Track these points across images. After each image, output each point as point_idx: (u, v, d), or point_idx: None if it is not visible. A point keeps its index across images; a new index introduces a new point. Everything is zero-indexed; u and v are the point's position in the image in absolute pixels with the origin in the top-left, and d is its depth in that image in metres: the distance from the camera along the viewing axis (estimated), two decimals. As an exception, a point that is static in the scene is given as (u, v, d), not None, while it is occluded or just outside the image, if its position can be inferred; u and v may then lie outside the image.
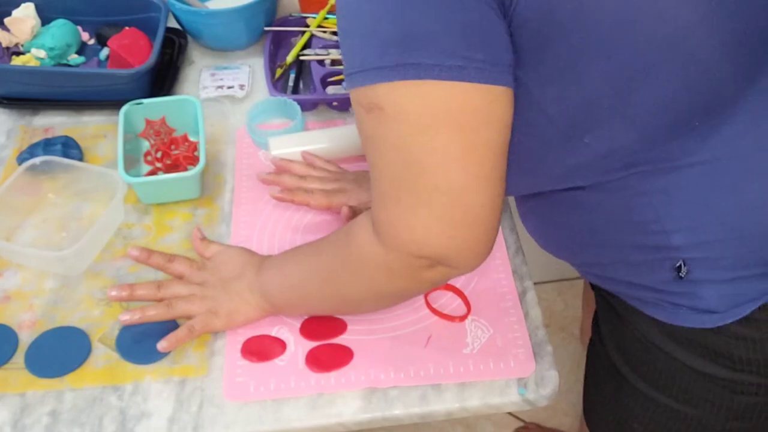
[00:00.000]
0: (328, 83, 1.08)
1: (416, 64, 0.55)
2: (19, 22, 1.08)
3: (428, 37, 0.55)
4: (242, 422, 0.75)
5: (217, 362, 0.80)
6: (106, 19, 1.13)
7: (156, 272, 0.87)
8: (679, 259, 0.66)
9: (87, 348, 0.81)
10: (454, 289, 0.85)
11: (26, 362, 0.80)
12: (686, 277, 0.66)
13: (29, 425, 0.75)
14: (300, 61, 1.12)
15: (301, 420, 0.76)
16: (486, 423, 1.59)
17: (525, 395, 0.77)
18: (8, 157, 1.00)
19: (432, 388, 0.78)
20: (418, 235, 0.60)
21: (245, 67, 1.12)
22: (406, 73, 0.55)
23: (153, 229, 0.92)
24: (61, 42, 1.08)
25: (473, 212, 0.60)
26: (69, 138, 0.99)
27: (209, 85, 1.09)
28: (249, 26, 1.12)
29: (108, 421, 0.76)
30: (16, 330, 0.82)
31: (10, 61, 1.07)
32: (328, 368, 0.78)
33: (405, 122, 0.57)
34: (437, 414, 0.77)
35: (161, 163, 0.96)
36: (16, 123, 1.05)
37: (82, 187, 0.94)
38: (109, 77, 1.03)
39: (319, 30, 1.15)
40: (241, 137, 1.03)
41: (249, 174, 0.98)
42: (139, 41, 1.06)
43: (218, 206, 0.95)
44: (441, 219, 0.59)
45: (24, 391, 0.78)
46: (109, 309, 0.84)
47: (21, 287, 0.87)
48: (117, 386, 0.78)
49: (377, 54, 0.56)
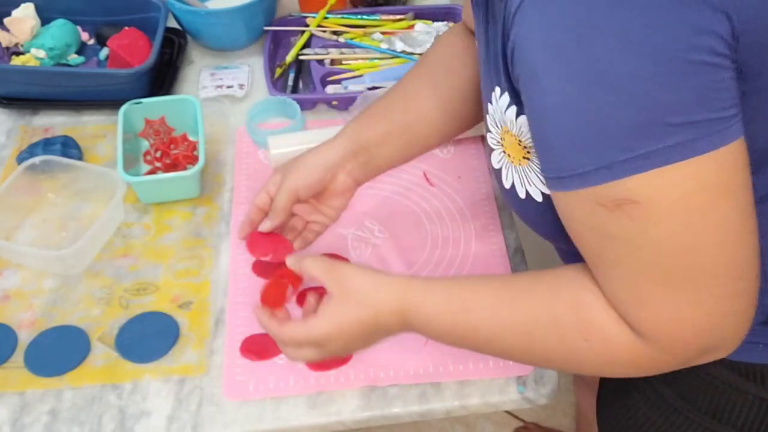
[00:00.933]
0: (327, 82, 1.09)
1: (674, 145, 0.49)
2: (19, 22, 1.08)
3: (684, 113, 0.49)
4: (241, 421, 0.75)
5: (217, 361, 0.80)
6: (106, 19, 1.14)
7: (156, 270, 0.87)
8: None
9: (86, 347, 0.81)
10: (453, 288, 0.85)
11: (26, 361, 0.80)
12: None
13: (29, 424, 0.75)
14: (299, 61, 1.12)
15: (301, 418, 0.76)
16: (486, 422, 1.59)
17: (524, 393, 0.77)
18: (8, 156, 1.00)
19: (431, 387, 0.78)
20: (703, 323, 0.55)
21: (245, 66, 1.12)
22: (663, 158, 0.50)
23: (152, 229, 0.92)
24: (61, 42, 1.08)
25: (751, 276, 0.55)
26: (68, 138, 1.00)
27: (209, 84, 1.09)
28: (248, 26, 1.12)
29: (107, 420, 0.76)
30: (15, 329, 0.82)
31: (10, 61, 1.07)
32: (327, 367, 0.78)
33: (670, 210, 0.51)
34: (436, 412, 0.77)
35: (161, 163, 0.96)
36: (15, 123, 1.05)
37: (81, 186, 0.94)
38: (109, 77, 1.03)
39: (318, 29, 1.15)
40: (241, 137, 1.03)
41: (248, 173, 0.98)
42: (139, 41, 1.07)
43: (218, 205, 0.95)
44: (722, 299, 0.54)
45: (23, 389, 0.78)
46: (108, 308, 0.84)
47: (20, 286, 0.87)
48: (116, 385, 0.78)
49: (623, 145, 0.50)
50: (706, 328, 0.55)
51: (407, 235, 0.91)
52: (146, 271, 0.87)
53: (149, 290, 0.86)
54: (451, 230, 0.91)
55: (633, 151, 0.50)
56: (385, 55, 1.12)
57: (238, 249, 0.89)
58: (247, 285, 0.86)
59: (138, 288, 0.86)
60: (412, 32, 1.15)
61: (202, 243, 0.90)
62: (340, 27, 1.16)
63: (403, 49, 1.12)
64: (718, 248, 0.53)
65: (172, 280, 0.87)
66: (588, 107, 0.51)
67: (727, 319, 0.56)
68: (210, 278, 0.87)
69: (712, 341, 0.57)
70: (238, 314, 0.83)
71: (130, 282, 0.86)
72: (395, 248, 0.89)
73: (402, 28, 1.16)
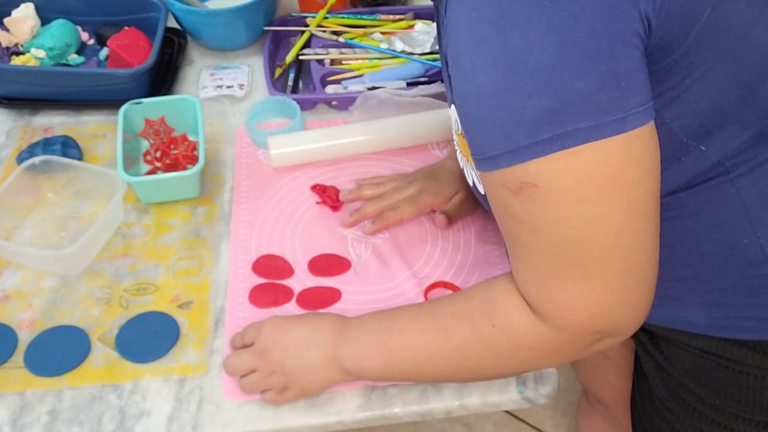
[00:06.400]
0: (327, 83, 1.09)
1: (572, 131, 0.51)
2: (19, 22, 1.08)
3: (582, 100, 0.51)
4: (241, 421, 0.75)
5: (217, 361, 0.80)
6: (106, 19, 1.14)
7: (156, 270, 0.87)
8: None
9: (86, 347, 0.81)
10: (453, 288, 0.85)
11: (25, 361, 0.80)
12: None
13: (28, 424, 0.75)
14: (299, 61, 1.12)
15: (300, 418, 0.76)
16: (486, 422, 1.59)
17: (524, 393, 0.77)
18: (8, 156, 1.00)
19: (431, 386, 0.78)
20: (595, 310, 0.57)
21: (244, 66, 1.12)
22: (561, 143, 0.52)
23: (152, 229, 0.92)
24: (61, 42, 1.08)
25: (645, 270, 0.57)
26: (68, 137, 1.00)
27: (208, 84, 1.09)
28: (248, 26, 1.13)
29: (107, 420, 0.76)
30: (15, 329, 0.82)
31: (10, 61, 1.07)
32: (327, 367, 0.78)
33: (563, 196, 0.54)
34: (436, 412, 0.77)
35: (161, 163, 0.96)
36: (15, 123, 1.05)
37: (81, 186, 0.94)
38: (109, 77, 1.03)
39: (318, 30, 1.15)
40: (241, 137, 1.03)
41: (248, 173, 0.98)
42: (139, 41, 1.07)
43: (218, 205, 0.95)
44: (616, 288, 0.57)
45: (23, 389, 0.78)
46: (108, 308, 0.84)
47: (20, 286, 0.87)
48: (116, 385, 0.78)
49: (527, 132, 0.52)
50: (601, 314, 0.58)
51: (407, 235, 0.91)
52: (146, 271, 0.87)
53: (149, 290, 0.86)
54: (451, 230, 0.91)
55: (536, 137, 0.52)
56: (385, 55, 1.12)
57: (238, 249, 0.89)
58: (247, 285, 0.86)
59: (138, 288, 0.86)
60: (411, 32, 1.15)
61: (202, 243, 0.90)
62: (339, 27, 1.16)
63: (403, 49, 1.12)
64: (610, 240, 0.55)
65: (172, 280, 0.87)
66: (502, 95, 0.53)
67: (622, 308, 0.58)
68: (210, 278, 0.87)
69: (608, 327, 0.59)
70: (237, 314, 0.83)
71: (130, 282, 0.86)
72: (395, 248, 0.89)
73: (402, 28, 1.16)
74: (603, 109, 0.51)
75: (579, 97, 0.51)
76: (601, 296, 0.57)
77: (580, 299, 0.57)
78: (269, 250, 0.89)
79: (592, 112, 0.51)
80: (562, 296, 0.58)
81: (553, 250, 0.57)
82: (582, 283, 0.57)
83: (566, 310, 0.58)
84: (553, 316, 0.59)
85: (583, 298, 0.57)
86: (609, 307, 0.58)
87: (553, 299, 0.59)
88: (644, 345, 0.80)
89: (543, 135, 0.52)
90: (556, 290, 0.58)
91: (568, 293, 0.58)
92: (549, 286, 0.58)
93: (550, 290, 0.58)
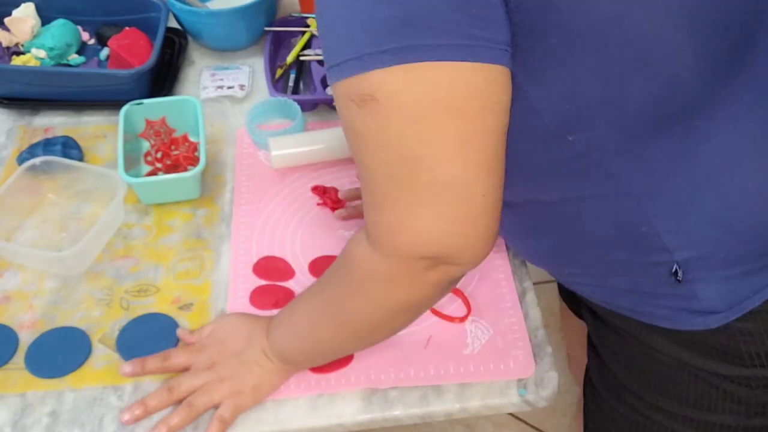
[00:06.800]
0: (328, 83, 1.08)
1: (417, 45, 0.51)
2: (19, 22, 1.08)
3: (431, 16, 0.50)
4: (242, 423, 0.75)
5: (217, 363, 0.80)
6: (106, 19, 1.13)
7: (156, 271, 0.87)
8: (673, 262, 0.65)
9: (87, 348, 0.81)
10: (453, 290, 0.85)
11: (26, 362, 0.80)
12: (683, 278, 0.65)
13: (29, 425, 0.75)
14: (300, 62, 1.12)
15: (301, 420, 0.76)
16: (486, 423, 1.59)
17: (525, 396, 0.77)
18: (8, 157, 1.00)
19: (432, 389, 0.78)
20: (419, 235, 0.57)
21: (245, 67, 1.12)
22: (405, 56, 0.51)
23: (153, 230, 0.92)
24: (61, 42, 1.08)
25: (476, 204, 0.56)
26: (69, 138, 1.00)
27: (209, 85, 1.09)
28: (249, 26, 1.12)
29: (108, 422, 0.76)
30: (16, 330, 0.82)
31: (10, 61, 1.07)
32: (328, 369, 0.78)
33: (400, 112, 0.53)
34: (437, 414, 0.77)
35: (161, 164, 0.96)
36: (16, 123, 1.05)
37: (82, 187, 0.94)
38: (109, 77, 1.03)
39: (319, 30, 1.14)
40: (241, 137, 1.03)
41: (249, 174, 0.98)
42: (139, 41, 1.07)
43: (218, 206, 0.95)
44: (442, 215, 0.56)
45: (24, 391, 0.78)
46: (109, 309, 0.84)
47: (21, 287, 0.87)
48: (117, 386, 0.78)
49: (372, 39, 0.52)
50: (428, 241, 0.57)
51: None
52: (147, 273, 0.87)
53: (150, 291, 0.86)
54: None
55: (381, 45, 0.51)
56: (386, 55, 1.12)
57: (238, 250, 0.89)
58: (248, 286, 0.86)
59: (139, 289, 0.86)
60: (412, 33, 1.15)
61: (203, 244, 0.90)
62: (340, 27, 1.15)
63: (404, 50, 1.11)
64: (441, 167, 0.54)
65: (173, 282, 0.86)
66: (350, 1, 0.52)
67: (452, 238, 0.57)
68: (211, 279, 0.87)
69: (437, 254, 0.58)
70: (238, 316, 0.83)
71: (130, 283, 0.86)
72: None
73: (403, 29, 1.16)
74: (451, 30, 0.51)
75: (428, 12, 0.51)
76: (429, 222, 0.56)
77: (408, 224, 0.57)
78: (270, 252, 0.89)
79: (439, 31, 0.51)
80: (392, 219, 0.57)
81: (389, 171, 0.56)
82: (413, 208, 0.56)
83: (392, 232, 0.58)
84: (382, 240, 0.59)
85: (410, 223, 0.57)
86: (436, 235, 0.57)
87: (384, 222, 0.58)
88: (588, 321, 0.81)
89: (387, 45, 0.51)
90: (387, 213, 0.58)
91: (398, 216, 0.57)
92: (379, 209, 0.58)
93: (382, 212, 0.58)
